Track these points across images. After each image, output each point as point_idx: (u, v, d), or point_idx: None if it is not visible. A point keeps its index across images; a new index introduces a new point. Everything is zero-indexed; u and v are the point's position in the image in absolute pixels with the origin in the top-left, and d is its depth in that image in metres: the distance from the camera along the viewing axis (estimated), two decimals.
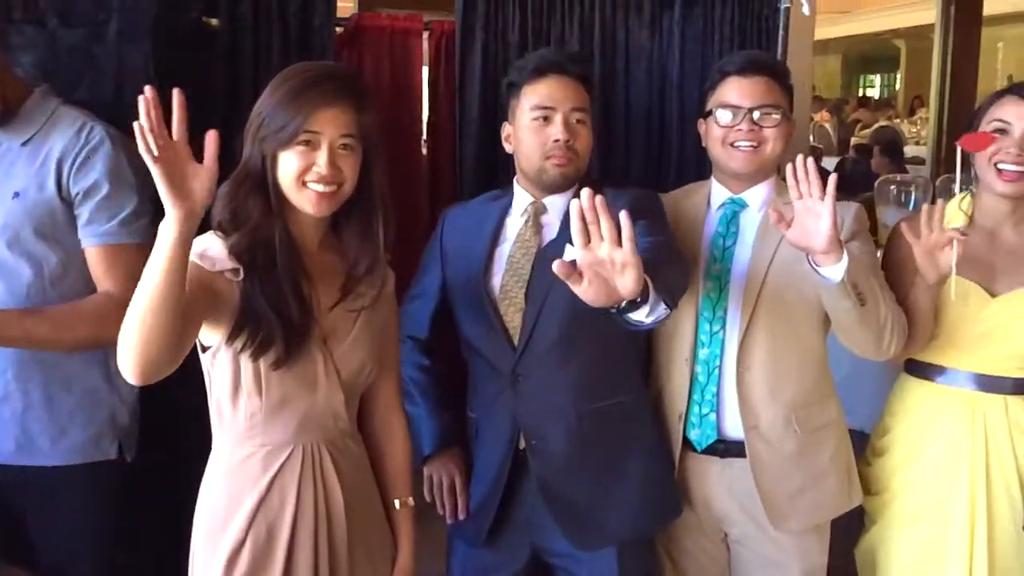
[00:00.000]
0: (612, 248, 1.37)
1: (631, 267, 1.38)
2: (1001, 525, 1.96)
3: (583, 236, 1.37)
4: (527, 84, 1.89)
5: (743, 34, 2.49)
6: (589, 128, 1.90)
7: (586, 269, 1.39)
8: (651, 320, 1.55)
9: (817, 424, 1.97)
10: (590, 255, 1.38)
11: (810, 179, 1.67)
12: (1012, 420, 1.96)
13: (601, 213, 1.36)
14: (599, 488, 1.88)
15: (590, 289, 1.41)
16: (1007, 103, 1.95)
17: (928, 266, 1.84)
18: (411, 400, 1.93)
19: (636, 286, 1.40)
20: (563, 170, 1.87)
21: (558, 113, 1.86)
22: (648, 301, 1.49)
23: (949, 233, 1.82)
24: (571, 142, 1.86)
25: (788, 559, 1.98)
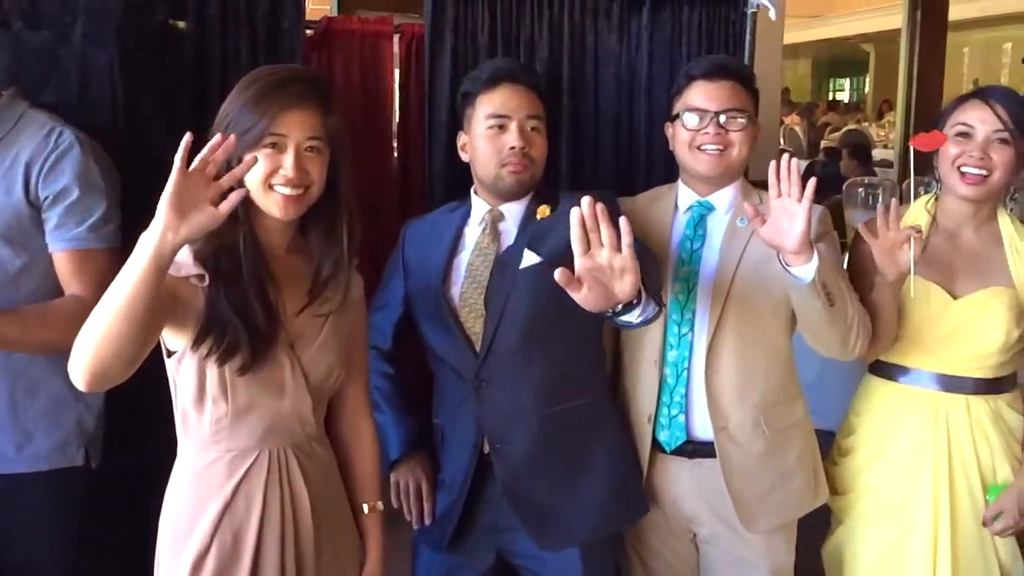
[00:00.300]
0: (612, 254, 1.39)
1: (630, 272, 1.42)
2: (964, 523, 2.00)
3: (583, 243, 1.40)
4: (481, 93, 1.92)
5: (711, 38, 2.51)
6: (544, 136, 1.94)
7: (585, 276, 1.42)
8: (640, 320, 1.58)
9: (785, 424, 1.99)
10: (590, 262, 1.41)
11: (792, 180, 1.70)
12: (974, 419, 1.99)
13: (601, 220, 1.39)
14: (563, 489, 1.90)
15: (589, 295, 1.43)
16: (970, 107, 1.99)
17: (887, 264, 1.87)
18: (377, 408, 1.94)
19: (634, 290, 1.44)
20: (519, 177, 1.89)
21: (513, 121, 1.89)
22: (641, 303, 1.52)
23: (905, 231, 1.85)
24: (526, 149, 1.89)
25: (757, 558, 2.00)
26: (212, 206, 1.31)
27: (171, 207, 1.27)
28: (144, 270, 1.27)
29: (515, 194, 1.93)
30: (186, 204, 1.28)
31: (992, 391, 2.00)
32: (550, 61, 2.42)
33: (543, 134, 1.93)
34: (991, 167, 1.94)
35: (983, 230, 2.03)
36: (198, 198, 1.30)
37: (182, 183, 1.28)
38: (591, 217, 1.39)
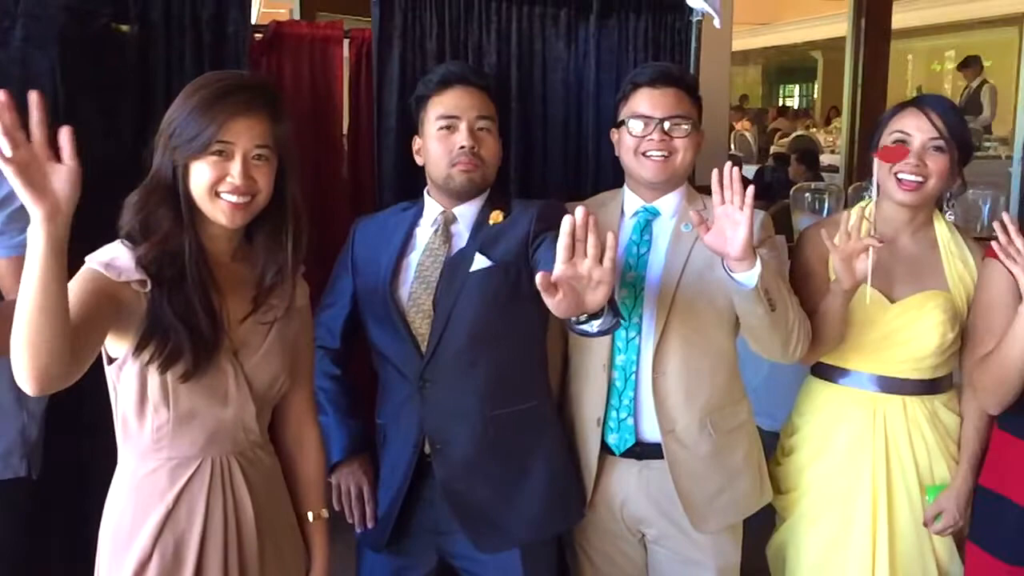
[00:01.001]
0: (593, 265, 1.42)
1: (605, 284, 1.44)
2: (902, 521, 2.04)
3: (568, 251, 1.41)
4: (433, 96, 1.95)
5: (657, 46, 2.54)
6: (495, 137, 1.95)
7: (563, 283, 1.43)
8: (599, 330, 1.60)
9: (730, 426, 2.03)
10: (571, 270, 1.42)
11: (734, 187, 1.73)
12: (910, 419, 2.03)
13: (591, 231, 1.40)
14: (503, 492, 1.92)
15: (563, 302, 1.45)
16: (907, 116, 2.03)
17: (845, 272, 1.91)
18: (321, 410, 1.93)
19: (604, 301, 1.46)
20: (470, 176, 1.91)
21: (462, 121, 1.91)
22: (604, 313, 1.54)
23: (866, 240, 1.88)
24: (476, 149, 1.91)
25: (705, 558, 2.03)
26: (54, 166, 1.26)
27: (25, 188, 1.22)
28: (41, 263, 1.23)
29: (467, 194, 1.94)
30: (36, 179, 1.23)
31: (929, 392, 2.05)
32: (498, 67, 2.44)
33: (494, 135, 1.95)
34: (927, 174, 1.98)
35: (919, 235, 2.08)
36: (44, 171, 1.24)
37: (17, 166, 1.22)
38: (583, 227, 1.40)
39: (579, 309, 1.47)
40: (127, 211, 1.48)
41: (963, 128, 2.06)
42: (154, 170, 1.50)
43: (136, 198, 1.49)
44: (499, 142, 1.98)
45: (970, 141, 2.10)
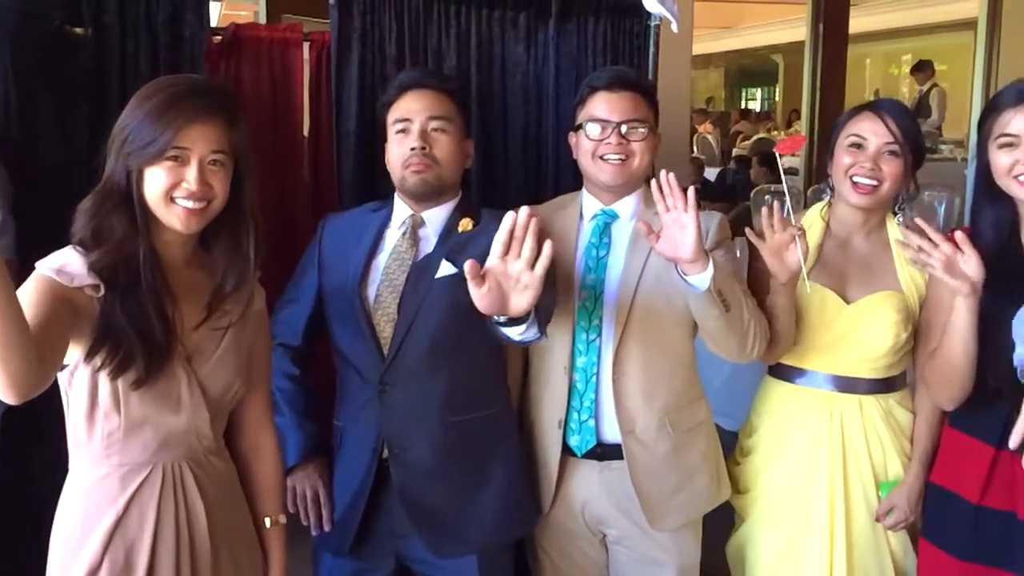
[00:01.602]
0: (525, 268, 1.43)
1: (532, 290, 1.46)
2: (858, 518, 2.07)
3: (504, 247, 1.44)
4: (392, 103, 1.97)
5: (616, 50, 2.56)
6: (453, 137, 1.96)
7: (491, 277, 1.45)
8: (520, 339, 1.62)
9: (689, 425, 2.05)
10: (502, 266, 1.45)
11: (674, 192, 1.74)
12: (866, 418, 2.07)
13: (530, 235, 1.43)
14: (460, 498, 1.93)
15: (487, 296, 1.47)
16: (863, 119, 2.06)
17: (777, 266, 1.93)
18: (278, 411, 1.93)
19: (529, 308, 1.48)
20: (421, 176, 1.92)
21: (415, 123, 1.93)
22: (527, 321, 1.55)
23: (790, 231, 1.91)
24: (427, 149, 1.92)
25: (665, 556, 2.05)
26: None
27: None
28: None
29: (423, 195, 1.95)
30: None
31: (883, 390, 2.08)
32: (458, 70, 2.44)
33: (452, 136, 1.96)
34: (881, 177, 2.01)
35: (873, 237, 2.11)
36: None
37: None
38: (523, 227, 1.42)
39: (502, 309, 1.49)
40: (80, 217, 1.47)
41: (917, 133, 2.10)
42: (107, 176, 1.49)
43: (89, 204, 1.48)
44: (461, 143, 1.99)
45: (923, 145, 2.14)
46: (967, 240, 1.77)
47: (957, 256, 1.78)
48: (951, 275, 1.78)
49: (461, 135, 1.99)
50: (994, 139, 1.89)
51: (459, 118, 1.99)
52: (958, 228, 1.93)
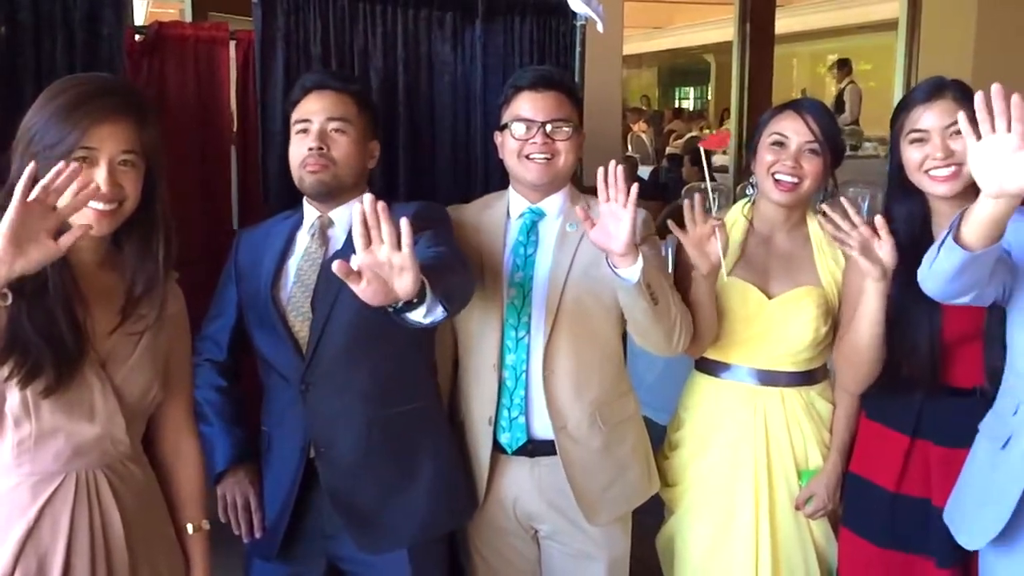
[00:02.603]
0: (391, 252, 1.45)
1: (408, 270, 1.47)
2: (781, 508, 2.12)
3: (364, 239, 1.45)
4: (297, 103, 1.98)
5: (542, 49, 2.58)
6: (352, 138, 1.96)
7: (366, 270, 1.46)
8: (428, 321, 1.63)
9: (619, 419, 2.08)
10: (370, 257, 1.45)
11: (618, 185, 1.77)
12: (788, 410, 2.11)
13: (382, 217, 1.44)
14: (389, 493, 1.93)
15: (368, 289, 1.47)
16: (785, 118, 2.11)
17: (699, 258, 1.97)
18: (205, 420, 1.92)
19: (413, 287, 1.49)
20: (318, 176, 1.92)
21: (314, 124, 1.94)
22: (425, 302, 1.56)
23: (711, 223, 1.95)
24: (324, 150, 1.92)
25: (596, 550, 2.07)
26: (51, 238, 1.28)
27: (8, 240, 1.23)
28: None
29: (318, 195, 1.96)
30: (23, 237, 1.25)
31: (804, 383, 2.13)
32: (385, 70, 2.43)
33: (351, 136, 1.96)
34: (802, 175, 2.06)
35: (794, 233, 2.16)
36: (36, 229, 1.26)
37: (22, 214, 1.23)
38: (372, 215, 1.44)
39: (390, 297, 1.50)
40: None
41: (836, 131, 2.15)
42: (12, 177, 1.44)
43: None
44: (363, 144, 1.99)
45: (842, 144, 2.19)
46: (885, 225, 1.82)
47: (874, 240, 1.83)
48: (866, 256, 1.82)
49: (363, 136, 1.99)
50: (905, 135, 1.95)
51: (361, 119, 1.99)
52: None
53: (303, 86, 2.00)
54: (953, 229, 1.56)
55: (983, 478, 1.78)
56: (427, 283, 1.55)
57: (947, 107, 1.91)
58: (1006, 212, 1.51)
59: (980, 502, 1.77)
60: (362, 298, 1.49)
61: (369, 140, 2.02)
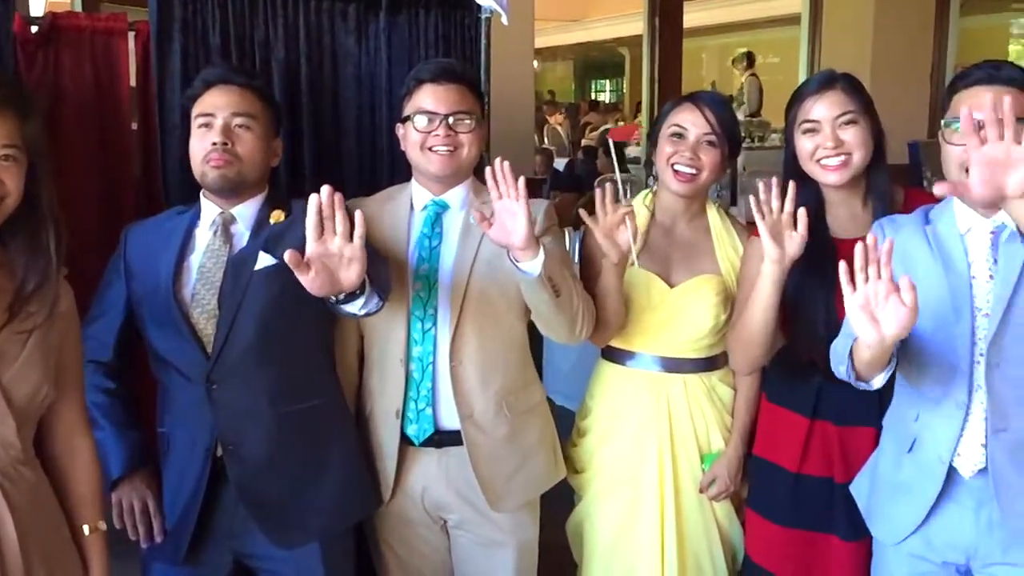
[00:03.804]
0: (343, 243, 1.47)
1: (357, 261, 1.50)
2: (686, 492, 2.17)
3: (317, 229, 1.47)
4: (198, 96, 1.95)
5: (448, 42, 2.57)
6: (257, 135, 1.94)
7: (315, 260, 1.48)
8: (363, 312, 1.66)
9: (525, 407, 2.10)
10: (322, 247, 1.48)
11: (507, 180, 1.78)
12: (691, 396, 2.17)
13: (338, 209, 1.47)
14: (299, 487, 1.92)
15: (316, 279, 1.50)
16: (684, 110, 2.15)
17: (609, 246, 1.99)
18: (96, 425, 1.86)
19: (359, 279, 1.52)
20: (221, 171, 1.90)
21: (218, 119, 1.91)
22: (365, 294, 1.58)
23: (621, 211, 1.98)
24: (229, 145, 1.90)
25: (504, 537, 2.10)
26: None
27: None
28: None
29: (220, 190, 1.93)
30: None
31: (706, 369, 2.19)
32: (287, 62, 2.40)
33: (255, 133, 1.94)
34: (700, 166, 2.11)
35: (694, 223, 2.21)
36: None
37: None
38: (328, 206, 1.46)
39: (335, 288, 1.53)
40: None
41: (734, 124, 2.21)
42: None
43: None
44: (267, 141, 1.97)
45: (739, 136, 2.26)
46: (805, 219, 1.86)
47: (788, 229, 1.87)
48: (773, 239, 1.86)
49: (267, 133, 1.97)
50: (798, 126, 2.01)
51: (265, 116, 1.97)
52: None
53: (205, 80, 1.97)
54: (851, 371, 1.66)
55: (893, 475, 1.84)
56: (367, 276, 1.57)
57: (837, 99, 1.98)
58: (887, 350, 1.61)
59: (893, 500, 1.84)
60: (308, 288, 1.50)
61: (273, 137, 2.00)
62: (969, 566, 1.80)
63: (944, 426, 1.74)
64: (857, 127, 1.97)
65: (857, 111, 1.98)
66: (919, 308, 1.57)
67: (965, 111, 1.53)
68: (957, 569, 1.81)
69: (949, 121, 1.75)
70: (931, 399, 1.77)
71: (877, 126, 2.01)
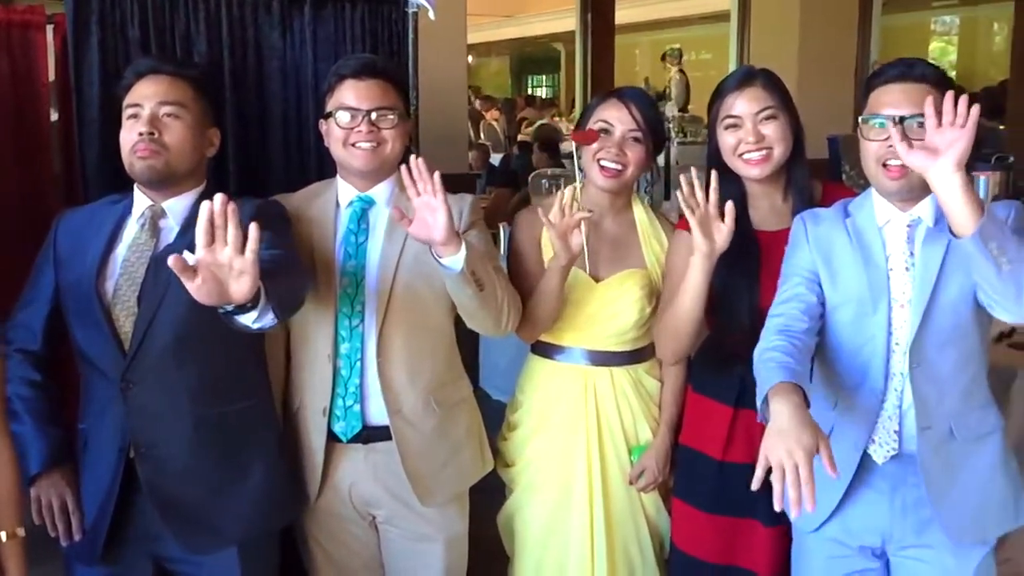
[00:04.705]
0: (234, 255, 1.42)
1: (248, 275, 1.44)
2: (614, 483, 2.20)
3: (207, 236, 1.41)
4: (128, 90, 1.91)
5: (374, 36, 2.54)
6: (187, 124, 1.91)
7: (203, 268, 1.43)
8: (257, 326, 1.61)
9: (453, 401, 2.10)
10: (210, 256, 1.42)
11: (423, 177, 1.78)
12: (618, 388, 2.19)
13: (231, 220, 1.41)
14: (216, 492, 1.89)
15: (203, 287, 1.44)
16: (610, 106, 2.17)
17: (562, 248, 2.01)
18: (17, 419, 1.83)
19: (250, 292, 1.46)
20: (148, 162, 1.86)
21: (145, 109, 1.87)
22: (258, 308, 1.54)
23: (578, 215, 2.00)
24: (156, 135, 1.86)
25: (433, 531, 2.10)
26: None
27: None
28: None
29: (148, 182, 1.89)
30: None
31: (633, 361, 2.21)
32: (209, 56, 2.35)
33: (185, 122, 1.90)
34: (626, 162, 2.14)
35: (620, 218, 2.24)
36: None
37: None
38: (220, 215, 1.41)
39: (223, 298, 1.48)
40: None
41: (659, 120, 2.24)
42: None
43: None
44: (200, 131, 1.94)
45: (663, 132, 2.30)
46: (732, 212, 1.89)
47: (716, 222, 1.90)
48: (701, 230, 1.89)
49: (199, 122, 1.94)
50: (720, 121, 2.05)
51: (197, 105, 1.93)
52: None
53: (136, 71, 1.93)
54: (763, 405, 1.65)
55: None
56: (263, 289, 1.53)
57: (757, 95, 2.02)
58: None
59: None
60: (194, 296, 1.45)
61: (207, 127, 1.97)
62: (884, 549, 1.86)
63: (860, 413, 1.79)
64: (777, 122, 2.01)
65: (777, 106, 2.02)
66: (840, 299, 1.69)
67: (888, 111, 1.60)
68: (873, 552, 1.87)
69: (867, 117, 1.80)
70: (848, 387, 1.82)
71: (796, 121, 2.06)
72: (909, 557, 1.85)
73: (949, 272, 1.73)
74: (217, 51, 2.37)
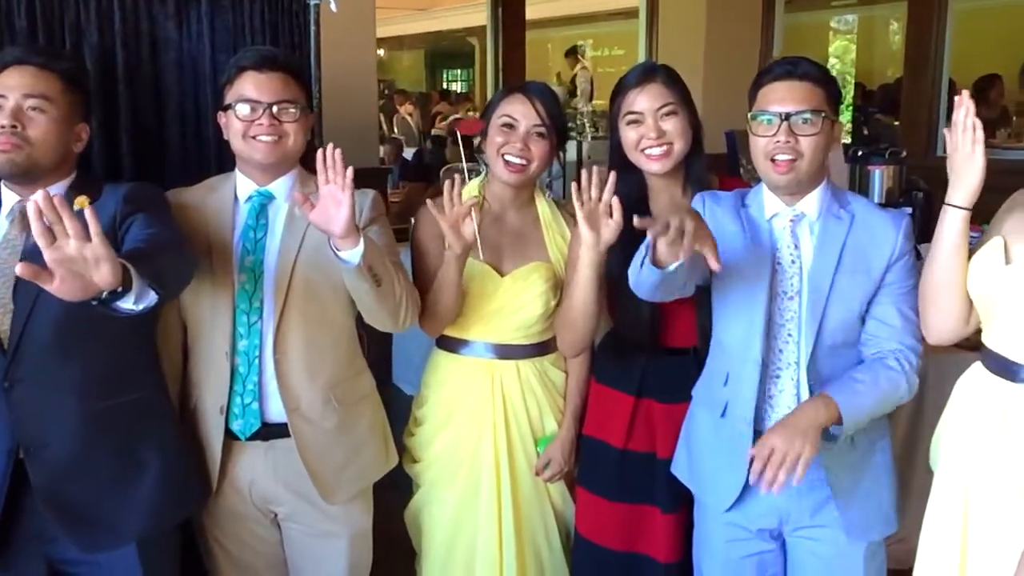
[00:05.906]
0: (81, 245, 1.38)
1: (104, 260, 1.41)
2: (521, 475, 2.22)
3: (47, 236, 1.36)
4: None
5: (275, 29, 2.50)
6: (53, 118, 1.84)
7: (57, 267, 1.38)
8: (141, 307, 1.57)
9: (354, 398, 2.09)
10: (58, 253, 1.38)
11: (336, 167, 1.76)
12: (523, 381, 2.21)
13: (62, 211, 1.36)
14: (111, 489, 1.85)
15: (64, 286, 1.40)
16: (515, 101, 2.18)
17: (454, 237, 2.01)
18: None
19: (114, 277, 1.43)
20: (8, 156, 1.80)
21: (9, 101, 1.82)
22: (133, 289, 1.51)
23: (467, 203, 2.00)
24: (18, 128, 1.80)
25: (337, 528, 2.09)
26: None
27: None
28: None
29: (10, 176, 1.83)
30: None
31: (538, 354, 2.23)
32: (101, 48, 2.28)
33: (51, 116, 1.84)
34: (530, 157, 2.15)
35: (524, 212, 2.25)
36: None
37: None
38: (49, 209, 1.36)
39: (90, 290, 1.45)
40: None
41: (562, 116, 2.26)
42: None
43: None
44: (67, 125, 1.88)
45: (567, 127, 2.32)
46: (620, 208, 1.91)
47: (605, 216, 1.92)
48: (589, 225, 1.91)
49: (66, 117, 1.87)
50: (622, 117, 2.08)
51: (64, 99, 1.87)
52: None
53: (3, 61, 1.86)
54: (649, 250, 1.67)
55: (712, 444, 1.94)
56: (132, 269, 1.49)
57: (658, 91, 2.06)
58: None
59: (716, 467, 1.93)
60: (59, 296, 1.40)
61: (76, 122, 1.90)
62: (781, 530, 1.92)
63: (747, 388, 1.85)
64: (677, 118, 2.06)
65: (677, 102, 2.06)
66: (725, 284, 1.80)
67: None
68: (771, 534, 1.93)
69: (755, 114, 1.85)
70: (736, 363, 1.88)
71: (695, 116, 2.10)
72: (804, 537, 1.91)
73: (840, 270, 1.82)
74: (109, 42, 2.30)
